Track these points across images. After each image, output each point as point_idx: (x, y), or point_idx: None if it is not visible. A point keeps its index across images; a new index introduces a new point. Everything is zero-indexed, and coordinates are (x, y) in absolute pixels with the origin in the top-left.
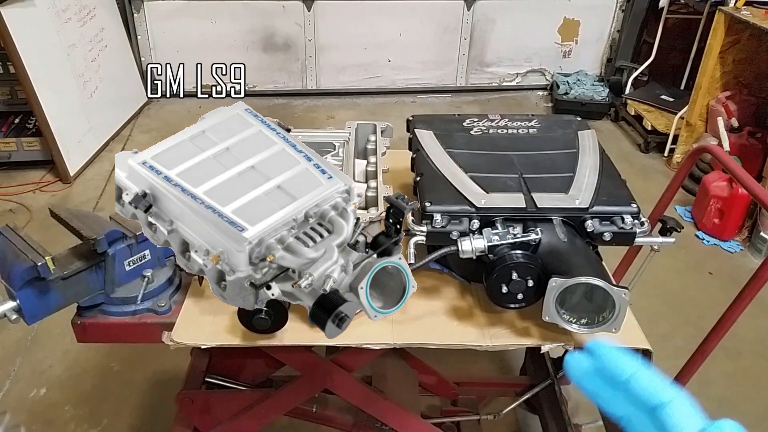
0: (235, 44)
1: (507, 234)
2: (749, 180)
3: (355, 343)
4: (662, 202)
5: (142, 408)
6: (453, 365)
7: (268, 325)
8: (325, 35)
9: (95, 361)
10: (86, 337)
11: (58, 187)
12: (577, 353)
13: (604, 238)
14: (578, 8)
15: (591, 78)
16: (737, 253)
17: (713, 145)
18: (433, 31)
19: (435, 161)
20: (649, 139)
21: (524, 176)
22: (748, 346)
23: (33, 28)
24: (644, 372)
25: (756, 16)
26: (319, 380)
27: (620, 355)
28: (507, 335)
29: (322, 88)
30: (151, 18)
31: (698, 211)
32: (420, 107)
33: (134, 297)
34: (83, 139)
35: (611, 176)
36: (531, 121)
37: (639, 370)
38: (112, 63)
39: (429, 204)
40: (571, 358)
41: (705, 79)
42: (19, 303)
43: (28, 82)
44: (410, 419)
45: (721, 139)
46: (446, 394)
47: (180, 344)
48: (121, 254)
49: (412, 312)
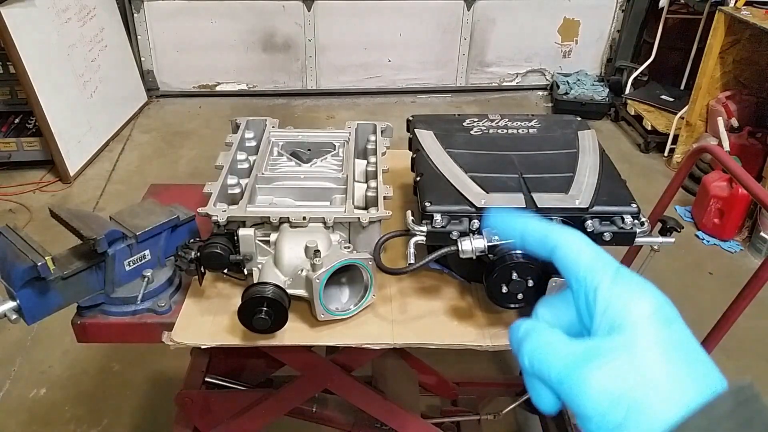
0: (235, 44)
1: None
2: (749, 180)
3: (355, 343)
4: (662, 202)
5: (142, 408)
6: (453, 365)
7: (268, 325)
8: (325, 35)
9: (95, 361)
10: (86, 337)
11: (58, 187)
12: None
13: (604, 238)
14: (578, 8)
15: (591, 78)
16: (737, 253)
17: (713, 145)
18: (433, 31)
19: (435, 161)
20: (649, 139)
21: (524, 176)
22: (748, 346)
23: (33, 28)
24: (530, 224)
25: (756, 16)
26: (319, 380)
27: (507, 217)
28: (507, 335)
29: (322, 88)
30: (151, 18)
31: (698, 211)
32: (420, 107)
33: (134, 297)
34: (83, 139)
35: (611, 176)
36: (531, 121)
37: (526, 224)
38: (112, 63)
39: (429, 204)
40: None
41: (705, 79)
42: (19, 303)
43: (28, 82)
44: (410, 419)
45: (721, 139)
46: (446, 394)
47: (180, 344)
48: (121, 254)
49: (412, 312)
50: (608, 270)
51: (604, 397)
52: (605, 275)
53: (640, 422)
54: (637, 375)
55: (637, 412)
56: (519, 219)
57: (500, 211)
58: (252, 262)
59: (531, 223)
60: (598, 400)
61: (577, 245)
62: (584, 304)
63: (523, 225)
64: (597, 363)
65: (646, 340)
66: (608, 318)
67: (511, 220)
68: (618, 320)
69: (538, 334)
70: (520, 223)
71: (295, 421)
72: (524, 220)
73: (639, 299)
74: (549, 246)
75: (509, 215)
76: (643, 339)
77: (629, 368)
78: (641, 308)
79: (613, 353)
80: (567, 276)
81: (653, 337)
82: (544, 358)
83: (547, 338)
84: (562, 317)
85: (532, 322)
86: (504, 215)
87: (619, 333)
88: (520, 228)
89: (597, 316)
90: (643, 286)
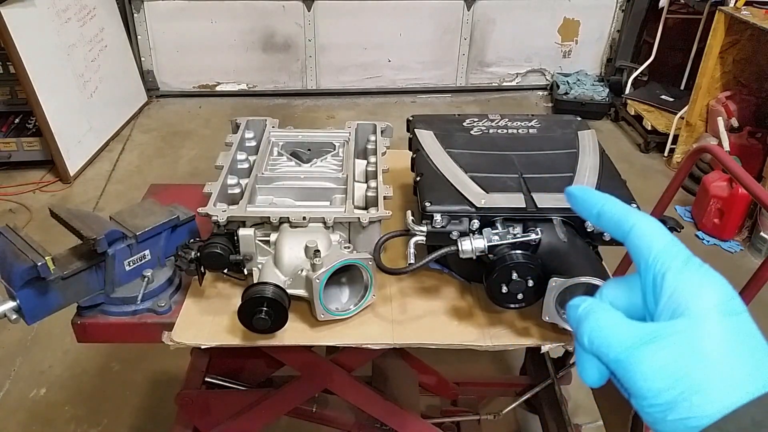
0: (235, 44)
1: (507, 234)
2: (749, 180)
3: (355, 343)
4: (662, 202)
5: (142, 408)
6: (453, 365)
7: (268, 325)
8: (325, 35)
9: (95, 361)
10: (86, 337)
11: (58, 187)
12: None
13: (604, 238)
14: (578, 8)
15: (591, 78)
16: (737, 253)
17: (713, 145)
18: (433, 31)
19: (435, 161)
20: (649, 139)
21: (524, 176)
22: None
23: (33, 28)
24: (609, 204)
25: (756, 16)
26: (319, 380)
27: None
28: (507, 335)
29: (322, 88)
30: (151, 18)
31: (698, 211)
32: (420, 107)
33: (134, 297)
34: (83, 139)
35: (611, 176)
36: (531, 121)
37: (605, 203)
38: (112, 63)
39: (429, 204)
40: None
41: (705, 79)
42: (19, 303)
43: (28, 82)
44: (410, 419)
45: (721, 139)
46: (446, 394)
47: (180, 344)
48: (121, 254)
49: (412, 312)
50: (679, 257)
51: (662, 376)
52: (675, 261)
53: (695, 403)
54: (697, 358)
55: (694, 392)
56: (599, 196)
57: (583, 187)
58: (252, 262)
59: (610, 202)
60: (655, 378)
61: (652, 230)
62: (651, 288)
63: (602, 203)
64: (659, 345)
65: (709, 326)
66: (673, 303)
67: (592, 196)
68: (683, 306)
69: (599, 314)
70: (600, 201)
71: (295, 421)
72: (604, 198)
73: (706, 288)
74: (625, 228)
75: (590, 191)
76: (706, 325)
77: (690, 351)
78: (707, 297)
79: (675, 336)
80: (637, 259)
81: (717, 325)
82: (605, 338)
83: (608, 319)
84: (626, 300)
85: (593, 301)
86: (586, 190)
87: (682, 318)
88: (599, 205)
89: (662, 301)
90: (712, 277)
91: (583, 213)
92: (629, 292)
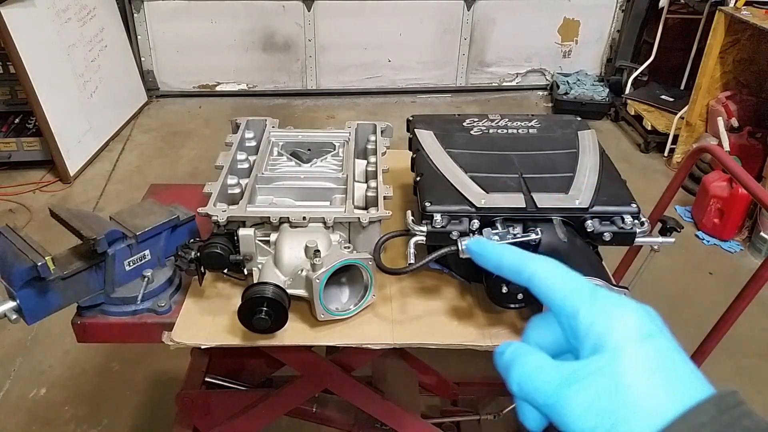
0: (235, 44)
1: (507, 234)
2: (749, 180)
3: (355, 343)
4: (662, 202)
5: (142, 408)
6: (453, 365)
7: (268, 325)
8: (325, 35)
9: (95, 361)
10: (86, 337)
11: (58, 187)
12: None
13: (604, 238)
14: (578, 8)
15: (591, 78)
16: (737, 253)
17: (713, 145)
18: (433, 31)
19: (435, 161)
20: (649, 139)
21: (524, 176)
22: (748, 346)
23: (33, 28)
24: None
25: (756, 16)
26: (319, 380)
27: (485, 246)
28: (507, 335)
29: (322, 88)
30: (151, 18)
31: (698, 211)
32: (420, 107)
33: (134, 297)
34: (83, 139)
35: (611, 176)
36: (531, 121)
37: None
38: (112, 63)
39: (429, 204)
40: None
41: (705, 79)
42: (19, 303)
43: (28, 82)
44: (410, 419)
45: (721, 139)
46: (446, 394)
47: (180, 344)
48: (121, 254)
49: (412, 312)
50: (584, 294)
51: (589, 415)
52: (582, 300)
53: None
54: (619, 391)
55: (621, 426)
56: (495, 249)
57: (479, 241)
58: (252, 262)
59: (506, 254)
60: (584, 418)
61: (552, 273)
62: (568, 329)
63: (500, 255)
64: (581, 385)
65: (626, 357)
66: (592, 339)
67: (487, 250)
68: (602, 340)
69: (524, 358)
70: (497, 253)
71: (295, 421)
72: (501, 249)
73: (619, 317)
74: (525, 276)
75: (486, 245)
76: (623, 356)
77: (612, 386)
78: (620, 326)
79: (596, 374)
80: (548, 304)
81: (634, 353)
82: (532, 383)
83: (534, 362)
84: (551, 336)
85: (518, 345)
86: (482, 244)
87: (601, 353)
88: (495, 258)
89: (580, 339)
90: (622, 303)
91: (486, 266)
92: (554, 328)
